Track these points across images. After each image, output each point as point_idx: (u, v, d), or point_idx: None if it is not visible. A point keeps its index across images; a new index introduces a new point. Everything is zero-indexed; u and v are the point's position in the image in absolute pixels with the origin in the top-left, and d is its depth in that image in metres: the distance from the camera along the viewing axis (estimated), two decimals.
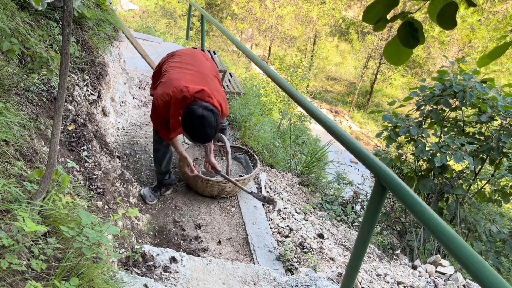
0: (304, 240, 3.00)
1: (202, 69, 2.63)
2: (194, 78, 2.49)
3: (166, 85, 2.44)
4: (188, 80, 2.45)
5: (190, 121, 2.31)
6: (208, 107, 2.31)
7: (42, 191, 1.32)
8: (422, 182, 3.98)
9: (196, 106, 2.30)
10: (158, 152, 2.93)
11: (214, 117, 2.32)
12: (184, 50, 2.86)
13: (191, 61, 2.67)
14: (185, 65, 2.61)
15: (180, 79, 2.44)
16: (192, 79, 2.48)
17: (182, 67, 2.59)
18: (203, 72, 2.59)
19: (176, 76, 2.48)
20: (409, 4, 17.02)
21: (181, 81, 2.42)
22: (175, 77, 2.47)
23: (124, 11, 13.01)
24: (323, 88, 22.25)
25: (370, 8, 1.13)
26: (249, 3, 19.33)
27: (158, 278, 1.95)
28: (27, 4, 2.24)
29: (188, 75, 2.50)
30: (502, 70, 17.58)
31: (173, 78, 2.47)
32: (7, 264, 1.06)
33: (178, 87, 2.38)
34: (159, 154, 2.93)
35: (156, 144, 2.91)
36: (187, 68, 2.57)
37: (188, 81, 2.43)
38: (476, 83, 3.68)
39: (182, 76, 2.48)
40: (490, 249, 3.82)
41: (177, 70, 2.55)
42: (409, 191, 1.42)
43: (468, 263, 1.12)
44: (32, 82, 2.01)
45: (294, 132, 6.62)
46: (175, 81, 2.43)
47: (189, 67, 2.59)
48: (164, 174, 3.04)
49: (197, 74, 2.54)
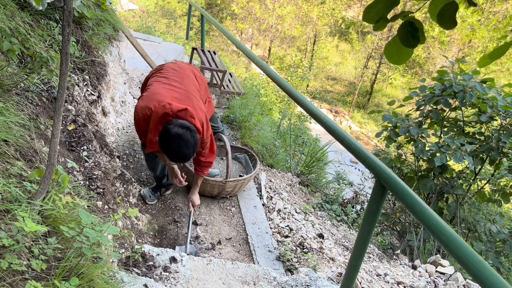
0: (304, 240, 3.00)
1: (188, 87, 2.53)
2: (178, 95, 2.40)
3: (148, 99, 2.35)
4: (171, 96, 2.36)
5: (166, 141, 2.21)
6: (184, 125, 2.21)
7: (42, 191, 1.32)
8: (422, 182, 3.98)
9: (172, 124, 2.20)
10: (148, 161, 2.89)
11: (191, 135, 2.21)
12: (172, 64, 2.74)
13: (177, 77, 2.57)
14: (170, 81, 2.52)
15: (163, 95, 2.35)
16: (176, 96, 2.39)
17: (167, 82, 2.49)
18: (188, 90, 2.49)
19: (160, 91, 2.38)
20: (409, 4, 17.02)
21: (165, 97, 2.33)
22: (158, 91, 2.38)
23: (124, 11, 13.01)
24: (323, 88, 22.25)
25: (370, 7, 1.13)
26: (249, 3, 19.33)
27: (158, 278, 1.95)
28: (27, 4, 2.24)
29: (172, 91, 2.41)
30: (502, 70, 17.58)
31: (156, 92, 2.38)
32: (7, 264, 1.06)
33: (161, 102, 2.30)
34: (151, 164, 2.90)
35: (146, 155, 2.86)
36: (172, 85, 2.48)
37: (172, 99, 2.34)
38: (476, 83, 3.68)
39: (165, 92, 2.39)
40: (490, 249, 3.82)
41: (162, 85, 2.46)
42: (409, 191, 1.42)
43: (468, 263, 1.12)
44: (32, 82, 2.01)
45: (294, 132, 6.62)
46: (158, 95, 2.34)
47: (174, 84, 2.49)
48: (161, 178, 3.02)
49: (182, 91, 2.45)
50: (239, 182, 3.19)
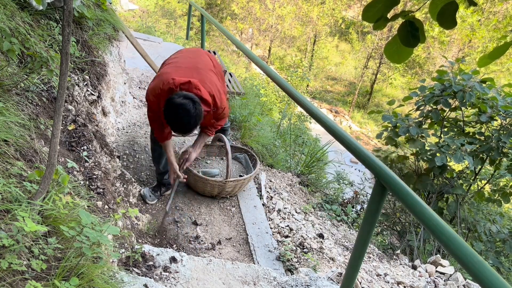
0: (304, 240, 3.00)
1: (198, 62, 2.59)
2: (185, 71, 2.47)
3: (157, 80, 2.44)
4: (178, 73, 2.42)
5: (168, 111, 2.25)
6: (187, 96, 2.24)
7: (42, 191, 1.32)
8: (422, 181, 3.98)
9: (176, 95, 2.25)
10: (155, 152, 2.91)
11: (193, 105, 2.22)
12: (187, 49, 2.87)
13: (189, 56, 2.66)
14: (181, 60, 2.60)
15: (170, 73, 2.43)
16: (183, 72, 2.45)
17: (177, 62, 2.58)
18: (197, 66, 2.55)
19: (168, 70, 2.47)
20: (409, 3, 17.02)
21: (171, 74, 2.41)
22: (166, 71, 2.47)
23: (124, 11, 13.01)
24: (323, 88, 22.25)
25: (370, 6, 1.13)
26: (249, 3, 19.34)
27: (158, 278, 1.95)
28: (27, 4, 2.24)
29: (180, 68, 2.48)
30: (502, 70, 17.58)
31: (164, 72, 2.47)
32: (7, 264, 1.06)
33: (167, 80, 2.37)
34: (156, 154, 2.92)
35: (153, 144, 2.90)
36: (182, 62, 2.56)
37: (178, 74, 2.41)
38: (475, 83, 3.68)
39: (173, 69, 2.47)
40: (490, 249, 3.82)
41: (171, 65, 2.55)
42: (409, 191, 1.42)
43: (468, 263, 1.12)
44: (32, 82, 2.01)
45: (294, 132, 6.62)
46: (165, 75, 2.43)
47: (184, 61, 2.57)
48: (163, 174, 3.04)
49: (190, 67, 2.51)
50: (239, 182, 3.19)
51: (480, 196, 4.18)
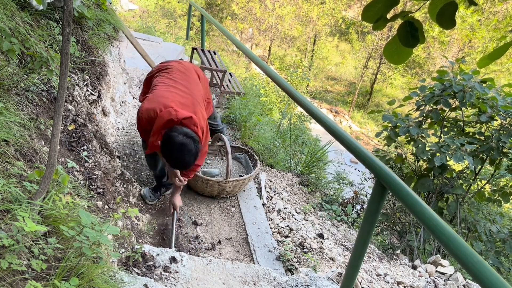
0: (304, 240, 3.00)
1: (194, 92, 2.53)
2: (184, 101, 2.40)
3: (153, 102, 2.35)
4: (177, 102, 2.36)
5: (169, 149, 2.22)
6: (188, 134, 2.23)
7: (42, 191, 1.32)
8: (421, 181, 3.98)
9: (176, 132, 2.21)
10: (148, 159, 2.89)
11: (194, 144, 2.23)
12: (177, 65, 2.71)
13: (183, 81, 2.56)
14: (177, 84, 2.51)
15: (169, 99, 2.34)
16: (183, 102, 2.39)
17: (173, 85, 2.48)
18: (194, 97, 2.49)
19: (165, 95, 2.38)
20: (409, 3, 17.02)
21: (171, 101, 2.33)
22: (163, 95, 2.38)
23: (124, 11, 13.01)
24: (323, 88, 22.26)
25: (370, 6, 1.13)
26: (249, 3, 19.34)
27: (158, 278, 1.95)
28: (27, 4, 2.24)
29: (177, 96, 2.41)
30: (502, 70, 17.58)
31: (161, 95, 2.37)
32: (7, 264, 1.06)
33: (166, 107, 2.29)
34: (151, 162, 2.90)
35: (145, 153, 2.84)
36: (179, 88, 2.47)
37: (177, 104, 2.34)
38: (475, 83, 3.68)
39: (171, 96, 2.38)
40: (490, 249, 3.82)
41: (168, 88, 2.45)
42: (409, 191, 1.42)
43: (468, 263, 1.12)
44: (32, 82, 2.01)
45: (294, 132, 6.63)
46: (163, 99, 2.34)
47: (180, 87, 2.49)
48: (161, 177, 3.03)
49: (188, 98, 2.45)
50: (239, 182, 3.19)
51: (480, 196, 4.17)
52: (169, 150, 2.23)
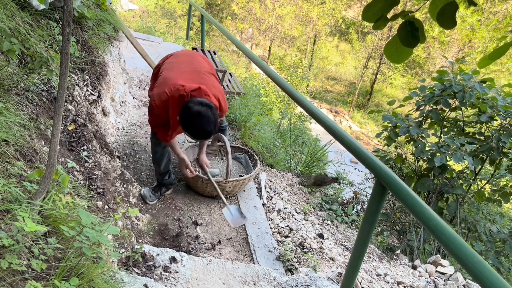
0: (304, 240, 3.00)
1: (198, 67, 2.60)
2: (189, 76, 2.47)
3: (162, 85, 2.43)
4: (184, 78, 2.43)
5: (187, 120, 2.27)
6: (204, 102, 2.27)
7: (42, 191, 1.32)
8: (421, 181, 3.98)
9: (192, 103, 2.26)
10: (156, 153, 2.91)
11: (211, 112, 2.27)
12: (181, 51, 2.84)
13: (186, 60, 2.66)
14: (180, 64, 2.60)
15: (175, 78, 2.42)
16: (188, 77, 2.45)
17: (178, 66, 2.58)
18: (198, 70, 2.57)
19: (172, 76, 2.46)
20: (409, 3, 17.02)
21: (177, 80, 2.40)
22: (170, 76, 2.46)
23: (124, 11, 13.00)
24: (323, 88, 22.25)
25: (370, 6, 1.13)
26: (249, 3, 19.33)
27: (158, 278, 1.95)
28: (27, 4, 2.24)
29: (183, 73, 2.48)
30: (502, 70, 17.57)
31: (169, 77, 2.45)
32: (7, 264, 1.06)
33: (174, 86, 2.36)
34: (157, 156, 2.92)
35: (154, 146, 2.89)
36: (182, 67, 2.56)
37: (184, 79, 2.41)
38: (475, 83, 3.68)
39: (177, 75, 2.46)
40: (490, 249, 3.82)
41: (172, 69, 2.54)
42: (409, 191, 1.42)
43: (468, 263, 1.12)
44: (32, 82, 2.01)
45: (294, 132, 6.62)
46: (170, 80, 2.42)
47: (184, 66, 2.57)
48: (164, 174, 3.03)
49: (192, 72, 2.52)
50: (239, 182, 3.19)
51: (480, 196, 4.17)
52: (188, 121, 2.27)
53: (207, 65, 2.75)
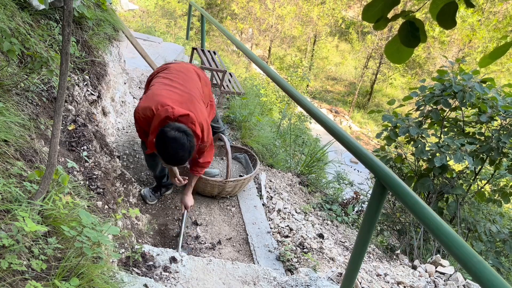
0: (304, 240, 3.00)
1: (191, 90, 2.52)
2: (181, 99, 2.39)
3: (149, 100, 2.35)
4: (174, 99, 2.35)
5: (162, 143, 2.20)
6: (181, 128, 2.20)
7: (42, 191, 1.32)
8: (421, 181, 3.98)
9: (169, 128, 2.19)
10: (148, 161, 2.89)
11: (187, 138, 2.19)
12: (176, 65, 2.72)
13: (180, 79, 2.55)
14: (173, 82, 2.50)
15: (165, 97, 2.34)
16: (178, 98, 2.38)
17: (170, 84, 2.48)
18: (191, 94, 2.48)
19: (162, 93, 2.37)
20: (409, 3, 17.02)
21: (167, 99, 2.32)
22: (160, 93, 2.37)
23: (124, 11, 13.00)
24: (323, 88, 22.25)
25: (370, 6, 1.13)
26: (249, 3, 19.33)
27: (158, 278, 1.95)
28: (27, 4, 2.24)
29: (174, 93, 2.40)
30: (502, 70, 17.58)
31: (158, 94, 2.37)
32: (7, 264, 1.06)
33: (163, 105, 2.29)
34: (150, 163, 2.90)
35: (145, 155, 2.86)
36: (175, 87, 2.47)
37: (174, 101, 2.33)
38: (475, 83, 3.68)
39: (168, 94, 2.38)
40: (490, 249, 3.82)
41: (164, 86, 2.45)
42: (409, 191, 1.42)
43: (468, 263, 1.12)
44: (32, 82, 2.01)
45: (294, 132, 6.62)
46: (159, 97, 2.34)
47: (177, 86, 2.48)
48: (161, 178, 3.02)
49: (184, 94, 2.44)
50: (239, 182, 3.19)
51: (481, 196, 4.17)
52: (162, 145, 2.21)
53: (199, 85, 2.66)
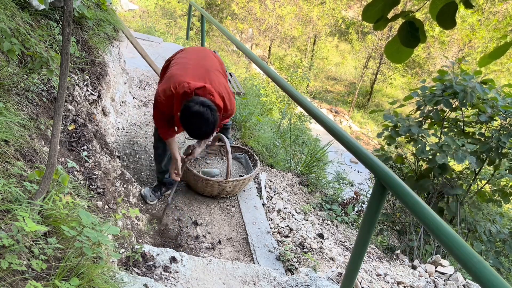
0: (304, 240, 3.00)
1: (206, 64, 2.58)
2: (196, 72, 2.46)
3: (167, 81, 2.43)
4: (190, 75, 2.42)
5: (186, 118, 2.27)
6: (204, 103, 2.26)
7: (42, 191, 1.32)
8: (421, 182, 3.98)
9: (193, 102, 2.25)
10: (158, 149, 2.92)
11: (211, 113, 2.25)
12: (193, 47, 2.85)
13: (196, 56, 2.64)
14: (189, 60, 2.58)
15: (182, 75, 2.42)
16: (194, 73, 2.44)
17: (186, 62, 2.56)
18: (206, 67, 2.55)
19: (178, 72, 2.46)
20: (409, 3, 17.02)
21: (183, 76, 2.40)
22: (177, 72, 2.46)
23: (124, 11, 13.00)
24: (323, 88, 22.26)
25: (370, 6, 1.13)
26: (249, 3, 19.33)
27: (158, 278, 1.95)
28: (27, 4, 2.24)
29: (190, 70, 2.47)
30: (502, 70, 17.58)
31: (175, 74, 2.45)
32: (7, 264, 1.06)
33: (180, 82, 2.36)
34: (159, 152, 2.93)
35: (156, 142, 2.91)
36: (190, 63, 2.55)
37: (190, 77, 2.40)
38: (476, 84, 3.67)
39: (184, 71, 2.46)
40: (490, 249, 3.81)
41: (180, 66, 2.53)
42: (409, 191, 1.42)
43: (468, 263, 1.12)
44: (32, 82, 2.01)
45: (294, 132, 6.62)
46: (176, 76, 2.41)
47: (192, 62, 2.56)
48: (164, 172, 3.04)
49: (199, 69, 2.51)
50: (239, 182, 3.19)
51: (481, 196, 4.17)
52: (187, 120, 2.27)
53: (217, 62, 2.72)
